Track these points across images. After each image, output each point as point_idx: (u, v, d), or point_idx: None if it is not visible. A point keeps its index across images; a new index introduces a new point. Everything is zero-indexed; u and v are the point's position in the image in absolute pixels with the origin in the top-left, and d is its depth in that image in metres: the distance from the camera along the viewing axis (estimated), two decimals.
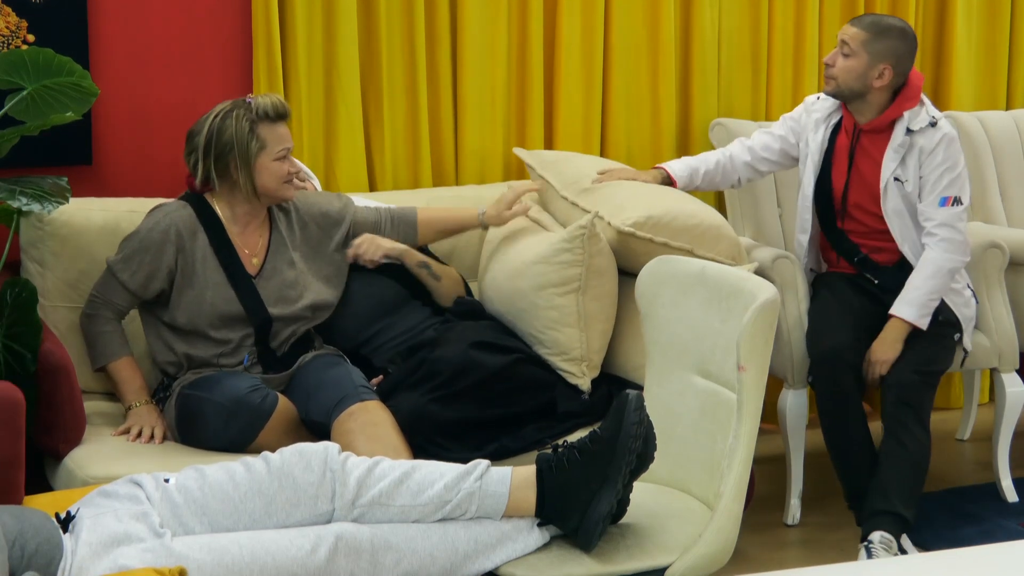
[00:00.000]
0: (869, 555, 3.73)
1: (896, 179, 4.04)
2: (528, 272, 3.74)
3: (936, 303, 4.01)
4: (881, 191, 4.05)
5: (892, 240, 4.10)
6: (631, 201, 3.83)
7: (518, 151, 4.38)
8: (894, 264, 4.12)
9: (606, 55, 4.67)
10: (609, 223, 3.76)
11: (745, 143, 4.29)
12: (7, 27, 3.97)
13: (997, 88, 5.22)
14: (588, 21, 4.60)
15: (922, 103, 4.07)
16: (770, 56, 4.90)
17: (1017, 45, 5.23)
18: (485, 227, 3.95)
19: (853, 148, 4.11)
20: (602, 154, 4.67)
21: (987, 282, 4.30)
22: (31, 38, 3.98)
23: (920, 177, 4.03)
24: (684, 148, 4.81)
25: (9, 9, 3.97)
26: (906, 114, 4.04)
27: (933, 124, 4.03)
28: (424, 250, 3.94)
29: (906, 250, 4.07)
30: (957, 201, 4.02)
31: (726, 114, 4.81)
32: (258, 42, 4.20)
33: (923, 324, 3.97)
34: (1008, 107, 5.22)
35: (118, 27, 4.13)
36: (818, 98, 4.23)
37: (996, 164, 4.85)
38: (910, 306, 3.98)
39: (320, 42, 4.31)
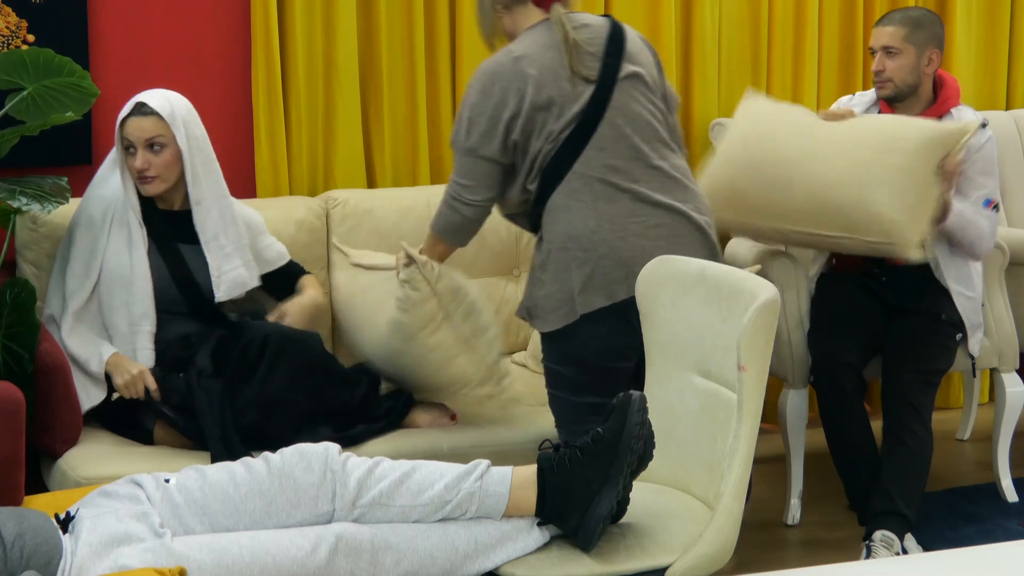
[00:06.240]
0: (869, 553, 3.73)
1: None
2: (396, 330, 3.61)
3: (963, 227, 3.95)
4: None
5: None
6: None
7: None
8: (903, 263, 4.11)
9: None
10: None
11: None
12: (7, 27, 3.97)
13: (997, 88, 5.22)
14: None
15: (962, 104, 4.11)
16: (770, 56, 4.90)
17: (1017, 45, 5.23)
18: None
19: None
20: None
21: (987, 282, 4.30)
22: (31, 38, 3.98)
23: (961, 173, 4.00)
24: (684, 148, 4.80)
25: (9, 9, 3.97)
26: (953, 111, 4.06)
27: (984, 125, 4.04)
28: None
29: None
30: (996, 206, 4.05)
31: (726, 114, 4.80)
32: (257, 42, 4.20)
33: (951, 216, 3.89)
34: (1008, 107, 5.22)
35: (118, 27, 4.13)
36: (851, 98, 4.24)
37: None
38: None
39: (319, 41, 4.31)
